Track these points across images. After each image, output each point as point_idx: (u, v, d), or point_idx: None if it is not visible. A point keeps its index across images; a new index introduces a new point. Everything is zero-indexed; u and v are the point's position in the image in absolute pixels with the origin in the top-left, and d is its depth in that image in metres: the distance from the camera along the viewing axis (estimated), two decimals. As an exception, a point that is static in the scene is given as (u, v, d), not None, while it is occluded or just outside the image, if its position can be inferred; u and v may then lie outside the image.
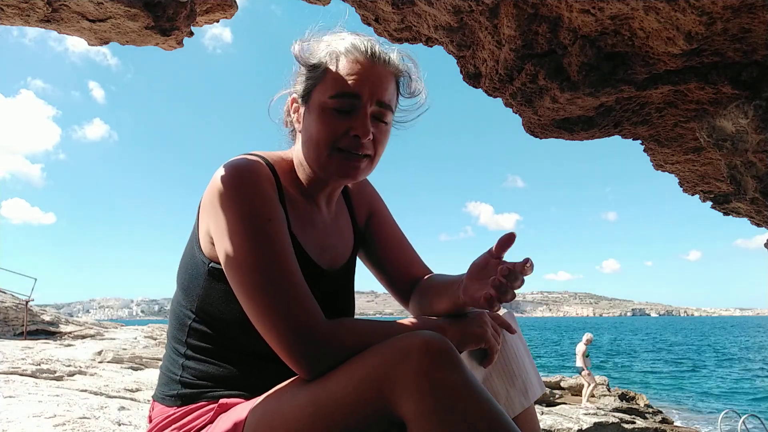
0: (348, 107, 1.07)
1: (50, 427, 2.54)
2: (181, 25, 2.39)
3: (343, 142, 1.08)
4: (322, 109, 1.09)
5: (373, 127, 1.09)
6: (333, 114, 1.08)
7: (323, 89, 1.09)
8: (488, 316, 1.15)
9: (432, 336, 0.88)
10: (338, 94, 1.07)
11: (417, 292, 1.28)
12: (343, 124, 1.08)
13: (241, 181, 1.03)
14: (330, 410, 0.89)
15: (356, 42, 1.11)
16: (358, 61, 1.08)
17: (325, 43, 1.13)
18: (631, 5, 1.55)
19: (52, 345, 9.01)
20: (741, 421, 8.55)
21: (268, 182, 1.07)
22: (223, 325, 1.09)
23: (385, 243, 1.34)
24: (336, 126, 1.07)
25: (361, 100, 1.08)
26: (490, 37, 2.05)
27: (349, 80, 1.07)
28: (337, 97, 1.07)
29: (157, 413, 1.13)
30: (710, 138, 1.96)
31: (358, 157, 1.10)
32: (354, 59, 1.09)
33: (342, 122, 1.08)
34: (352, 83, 1.07)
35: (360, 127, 1.07)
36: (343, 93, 1.07)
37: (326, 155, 1.09)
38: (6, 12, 2.08)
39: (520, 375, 1.20)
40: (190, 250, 1.15)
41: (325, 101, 1.08)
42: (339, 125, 1.07)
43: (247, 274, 0.98)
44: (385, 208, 1.40)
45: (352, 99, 1.07)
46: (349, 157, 1.09)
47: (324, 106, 1.09)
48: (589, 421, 9.00)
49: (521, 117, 2.41)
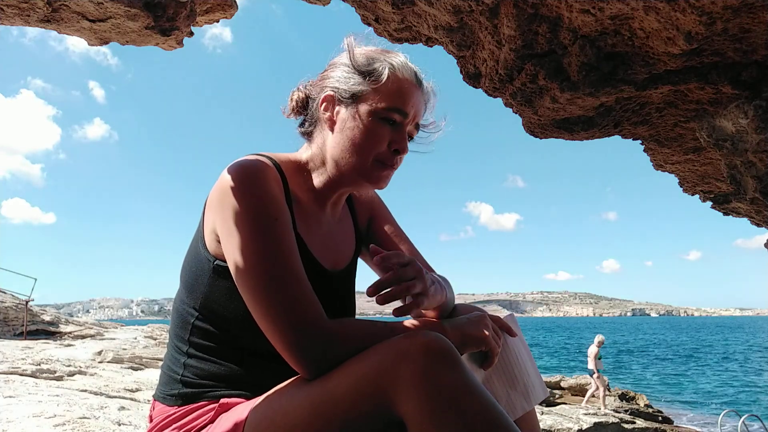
0: (394, 121, 1.14)
1: (50, 427, 2.54)
2: (181, 25, 2.39)
3: (383, 153, 1.14)
4: (374, 118, 1.13)
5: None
6: (381, 125, 1.13)
7: (376, 98, 1.13)
8: (489, 319, 1.15)
9: (432, 336, 0.88)
10: (392, 108, 1.13)
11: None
12: (387, 136, 1.14)
13: (248, 180, 1.04)
14: (330, 410, 0.89)
15: (408, 63, 1.18)
16: (410, 82, 1.15)
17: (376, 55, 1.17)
18: (631, 5, 1.55)
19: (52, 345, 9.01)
20: (741, 421, 8.55)
21: (275, 182, 1.07)
22: (227, 322, 1.09)
23: (386, 244, 1.35)
24: (382, 137, 1.13)
25: (407, 118, 1.15)
26: (490, 37, 2.05)
27: (401, 96, 1.14)
28: (390, 110, 1.13)
29: (157, 413, 1.13)
30: (710, 138, 1.96)
31: (390, 169, 1.17)
32: (407, 78, 1.15)
33: (386, 134, 1.14)
34: (403, 100, 1.14)
35: (401, 142, 1.14)
36: (397, 108, 1.13)
37: (368, 163, 1.14)
38: (6, 12, 2.08)
39: (521, 378, 1.20)
40: (195, 247, 1.15)
41: (378, 110, 1.13)
42: (384, 137, 1.14)
43: (252, 272, 0.99)
44: (386, 210, 1.41)
45: (401, 115, 1.14)
46: (384, 167, 1.16)
47: (375, 115, 1.13)
48: (589, 421, 9.01)
49: (521, 117, 2.41)
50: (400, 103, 1.13)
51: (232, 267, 1.02)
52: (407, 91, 1.14)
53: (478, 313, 1.16)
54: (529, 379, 1.21)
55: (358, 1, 2.25)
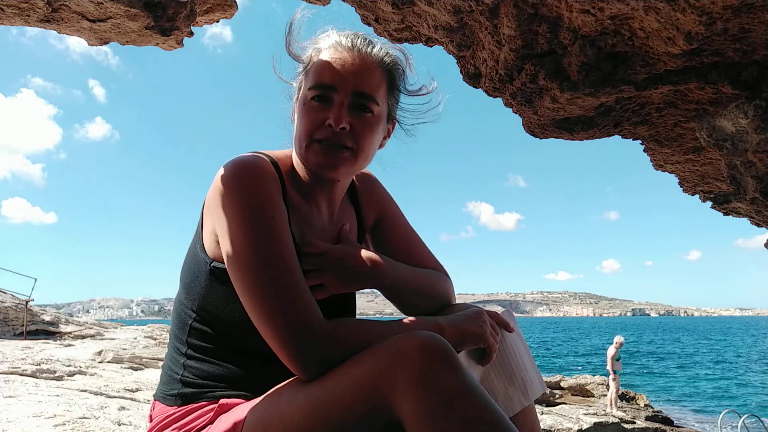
0: (325, 98, 1.09)
1: (50, 427, 2.54)
2: (181, 25, 2.39)
3: (320, 133, 1.08)
4: (303, 102, 1.12)
5: (352, 118, 1.09)
6: (312, 106, 1.10)
7: (306, 84, 1.13)
8: (486, 315, 1.15)
9: (430, 336, 0.88)
10: (315, 86, 1.09)
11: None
12: (320, 115, 1.09)
13: (245, 177, 1.03)
14: (328, 410, 0.89)
15: (338, 37, 1.13)
16: (337, 53, 1.11)
17: (312, 42, 1.17)
18: (631, 5, 1.55)
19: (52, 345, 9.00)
20: (741, 421, 8.55)
21: (272, 179, 1.07)
22: (223, 325, 1.09)
23: (396, 243, 1.33)
24: (314, 117, 1.09)
25: (337, 90, 1.08)
26: (490, 37, 2.05)
27: (326, 71, 1.09)
28: (314, 88, 1.09)
29: (157, 412, 1.13)
30: (710, 138, 1.96)
31: (335, 149, 1.09)
32: (333, 52, 1.11)
33: (320, 114, 1.08)
34: (328, 74, 1.09)
35: (334, 116, 1.07)
36: (320, 84, 1.09)
37: (305, 146, 1.10)
38: (6, 12, 2.08)
39: (519, 373, 1.20)
40: (193, 249, 1.15)
41: (306, 94, 1.12)
42: (317, 116, 1.09)
43: (249, 270, 0.98)
44: (396, 209, 1.39)
45: (328, 90, 1.08)
46: (327, 148, 1.09)
47: (305, 99, 1.12)
48: (589, 421, 9.00)
49: (521, 117, 2.41)
50: (322, 78, 1.08)
51: (228, 266, 1.02)
52: (334, 63, 1.09)
53: (475, 310, 1.16)
54: (527, 375, 1.21)
55: (358, 1, 2.25)
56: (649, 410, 12.92)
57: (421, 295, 1.21)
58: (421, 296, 1.21)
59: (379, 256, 1.15)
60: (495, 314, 1.20)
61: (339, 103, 1.08)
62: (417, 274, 1.22)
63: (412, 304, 1.22)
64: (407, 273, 1.19)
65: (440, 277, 1.29)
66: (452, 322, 1.09)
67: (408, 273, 1.19)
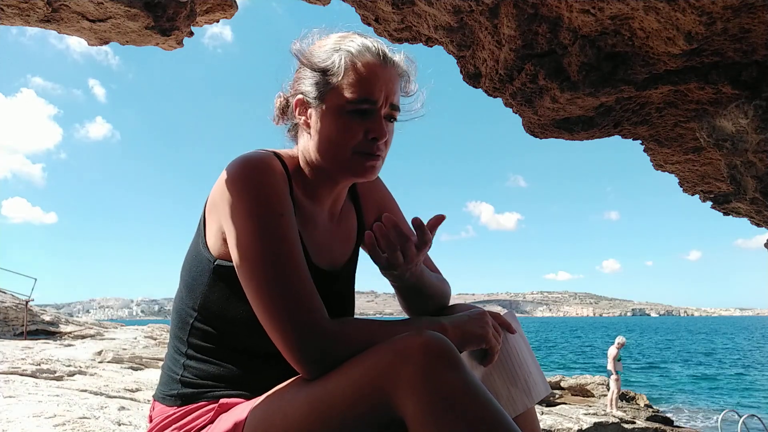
0: (366, 112, 1.09)
1: (50, 427, 2.54)
2: (181, 25, 2.39)
3: (363, 146, 1.10)
4: (341, 112, 1.10)
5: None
6: (352, 117, 1.09)
7: (338, 92, 1.09)
8: (489, 316, 1.15)
9: (432, 336, 0.88)
10: (357, 99, 1.08)
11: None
12: (361, 127, 1.10)
13: (253, 174, 1.03)
14: (330, 410, 0.89)
15: (367, 44, 1.12)
16: (371, 64, 1.10)
17: (333, 45, 1.13)
18: (631, 5, 1.55)
19: (52, 345, 9.00)
20: (741, 421, 8.55)
21: (281, 176, 1.06)
22: (226, 324, 1.09)
23: None
24: (356, 129, 1.09)
25: (377, 103, 1.10)
26: (490, 37, 2.05)
27: (365, 84, 1.09)
28: (355, 102, 1.08)
29: (157, 413, 1.13)
30: (710, 138, 1.96)
31: (373, 158, 1.12)
32: (367, 62, 1.10)
33: (360, 125, 1.10)
34: (368, 87, 1.09)
35: (378, 130, 1.10)
36: (362, 98, 1.08)
37: (348, 157, 1.11)
38: (6, 12, 2.08)
39: (522, 374, 1.20)
40: (196, 247, 1.14)
41: (344, 105, 1.09)
42: (358, 128, 1.10)
43: (256, 267, 0.98)
44: (396, 207, 1.39)
45: (369, 103, 1.09)
46: (368, 158, 1.12)
47: (342, 110, 1.09)
48: (589, 421, 9.00)
49: (521, 117, 2.41)
50: (364, 92, 1.08)
51: (236, 262, 1.02)
52: (371, 75, 1.09)
53: (477, 311, 1.16)
54: (530, 376, 1.21)
55: (358, 1, 2.25)
56: (649, 410, 12.92)
57: (430, 297, 1.26)
58: (430, 298, 1.26)
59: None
60: (497, 315, 1.20)
61: (380, 116, 1.10)
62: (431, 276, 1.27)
63: (420, 305, 1.26)
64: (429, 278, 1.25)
65: (443, 281, 1.32)
66: (455, 322, 1.09)
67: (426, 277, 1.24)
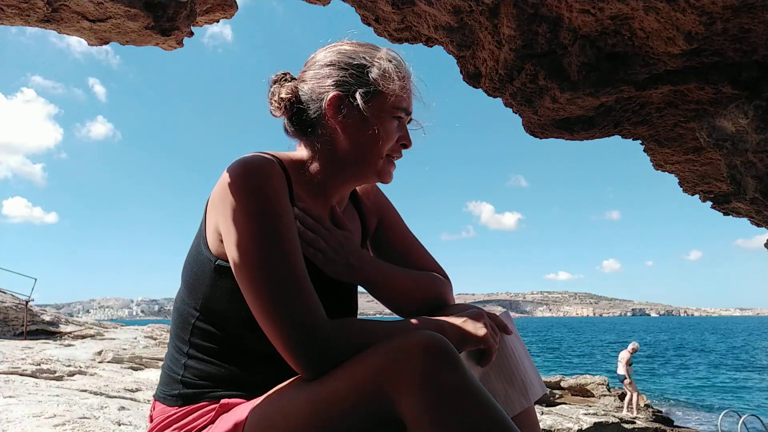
0: (401, 118, 1.20)
1: (50, 427, 2.54)
2: (181, 25, 2.39)
3: (392, 150, 1.20)
4: (387, 117, 1.17)
5: None
6: (394, 126, 1.19)
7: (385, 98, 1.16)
8: (486, 316, 1.15)
9: (432, 336, 0.88)
10: (401, 108, 1.18)
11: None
12: (396, 135, 1.19)
13: (252, 176, 1.04)
14: (330, 410, 0.90)
15: (401, 59, 1.22)
16: (408, 79, 1.21)
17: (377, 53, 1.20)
18: (631, 5, 1.55)
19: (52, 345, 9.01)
20: (741, 420, 8.56)
21: (279, 179, 1.07)
22: (228, 323, 1.09)
23: (396, 248, 1.35)
24: (395, 135, 1.19)
25: (410, 114, 1.22)
26: (490, 37, 2.05)
27: (405, 94, 1.19)
28: (399, 109, 1.18)
29: (158, 413, 1.13)
30: (710, 138, 1.96)
31: (393, 164, 1.23)
32: (404, 75, 1.20)
33: (397, 133, 1.20)
34: (407, 98, 1.20)
35: (409, 138, 1.22)
36: (403, 107, 1.19)
37: (382, 160, 1.19)
38: (6, 12, 2.08)
39: (519, 375, 1.20)
40: (197, 247, 1.15)
41: (389, 110, 1.17)
42: (396, 134, 1.19)
43: (255, 269, 0.99)
44: (395, 213, 1.40)
45: (406, 113, 1.20)
46: (392, 163, 1.22)
47: (388, 115, 1.17)
48: (589, 421, 9.00)
49: (521, 117, 2.41)
50: (405, 102, 1.19)
51: (234, 264, 1.02)
52: (407, 88, 1.20)
53: (475, 311, 1.17)
54: (527, 376, 1.21)
55: (358, 1, 2.25)
56: (649, 410, 12.92)
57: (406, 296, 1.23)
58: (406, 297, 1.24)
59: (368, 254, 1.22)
60: (494, 316, 1.21)
61: (406, 125, 1.22)
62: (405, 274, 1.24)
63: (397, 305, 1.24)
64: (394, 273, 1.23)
65: (433, 279, 1.29)
66: (454, 322, 1.09)
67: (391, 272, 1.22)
